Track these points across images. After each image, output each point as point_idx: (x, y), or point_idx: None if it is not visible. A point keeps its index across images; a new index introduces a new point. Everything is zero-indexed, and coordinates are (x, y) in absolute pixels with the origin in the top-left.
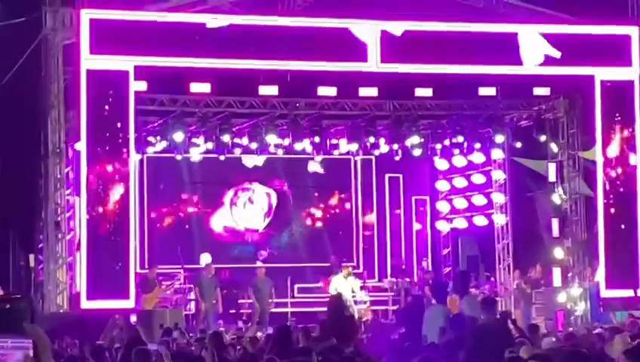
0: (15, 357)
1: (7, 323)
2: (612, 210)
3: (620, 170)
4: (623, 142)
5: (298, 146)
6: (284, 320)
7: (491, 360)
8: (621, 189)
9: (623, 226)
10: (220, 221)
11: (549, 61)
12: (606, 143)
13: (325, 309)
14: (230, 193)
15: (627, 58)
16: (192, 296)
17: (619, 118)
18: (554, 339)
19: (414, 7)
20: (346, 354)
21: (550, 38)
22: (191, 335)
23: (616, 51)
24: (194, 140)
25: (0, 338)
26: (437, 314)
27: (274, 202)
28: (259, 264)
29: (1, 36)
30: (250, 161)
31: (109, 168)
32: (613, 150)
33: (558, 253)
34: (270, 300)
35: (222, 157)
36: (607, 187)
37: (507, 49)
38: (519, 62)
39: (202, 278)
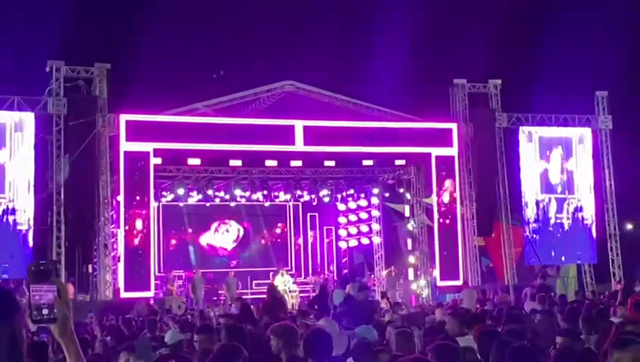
0: (48, 297)
1: (42, 277)
2: (442, 233)
3: (446, 209)
4: (448, 193)
5: (254, 196)
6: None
7: (364, 321)
8: (447, 221)
9: (449, 243)
10: (204, 240)
11: (403, 143)
12: (438, 193)
13: (265, 293)
14: (215, 224)
15: (450, 142)
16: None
17: (445, 179)
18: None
19: (325, 111)
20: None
21: (403, 130)
22: (188, 311)
23: (444, 138)
24: (190, 193)
25: (38, 284)
26: (339, 294)
27: (241, 234)
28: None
29: (72, 131)
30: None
31: (138, 211)
32: (443, 197)
33: (411, 259)
34: (236, 291)
35: (207, 204)
36: (440, 219)
37: (382, 137)
38: (388, 145)
39: (195, 278)
